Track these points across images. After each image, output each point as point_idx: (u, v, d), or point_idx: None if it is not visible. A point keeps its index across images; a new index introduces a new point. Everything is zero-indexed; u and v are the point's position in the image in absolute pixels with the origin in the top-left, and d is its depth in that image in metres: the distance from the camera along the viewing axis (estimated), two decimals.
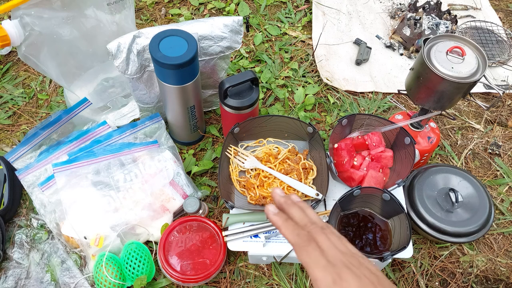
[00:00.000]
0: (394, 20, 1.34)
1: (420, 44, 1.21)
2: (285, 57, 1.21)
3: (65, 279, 0.82)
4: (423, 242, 0.89)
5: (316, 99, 1.11)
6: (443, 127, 1.08)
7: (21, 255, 0.85)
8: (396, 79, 1.18)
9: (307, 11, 1.36)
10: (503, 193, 0.97)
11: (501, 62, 1.21)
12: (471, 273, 0.86)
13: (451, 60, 0.75)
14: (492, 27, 1.30)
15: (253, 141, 0.92)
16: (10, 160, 0.93)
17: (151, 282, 0.82)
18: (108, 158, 0.89)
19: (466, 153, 1.04)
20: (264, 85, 1.14)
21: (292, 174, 0.84)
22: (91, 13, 0.86)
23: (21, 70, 1.18)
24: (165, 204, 0.86)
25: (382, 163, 0.84)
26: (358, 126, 0.88)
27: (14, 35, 0.77)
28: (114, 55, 0.80)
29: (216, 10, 1.35)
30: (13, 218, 0.90)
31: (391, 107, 1.11)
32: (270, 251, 0.78)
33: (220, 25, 0.86)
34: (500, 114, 1.11)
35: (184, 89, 0.84)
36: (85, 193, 0.85)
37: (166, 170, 0.89)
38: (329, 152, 0.82)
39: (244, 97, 0.87)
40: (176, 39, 0.80)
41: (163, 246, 0.81)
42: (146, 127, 0.97)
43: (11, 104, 1.10)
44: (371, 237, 0.76)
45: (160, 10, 1.34)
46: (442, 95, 0.77)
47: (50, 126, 0.95)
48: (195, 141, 1.02)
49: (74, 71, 0.94)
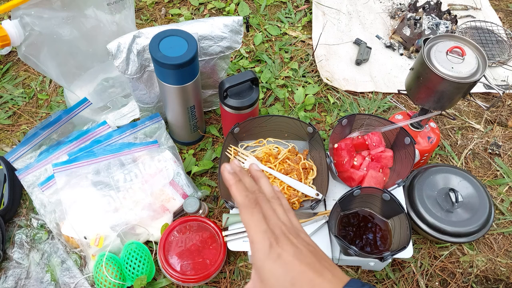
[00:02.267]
0: (394, 20, 1.34)
1: (420, 44, 1.21)
2: (285, 57, 1.21)
3: (65, 279, 0.82)
4: (423, 242, 0.89)
5: (316, 99, 1.11)
6: (443, 127, 1.08)
7: (21, 255, 0.85)
8: (396, 79, 1.18)
9: (307, 11, 1.36)
10: (503, 193, 0.97)
11: (501, 62, 1.21)
12: (471, 273, 0.86)
13: (451, 60, 0.75)
14: (492, 27, 1.30)
15: (253, 141, 0.92)
16: (10, 160, 0.93)
17: (151, 282, 0.82)
18: (108, 158, 0.89)
19: (466, 153, 1.04)
20: (264, 85, 1.14)
21: (292, 174, 0.84)
22: (91, 13, 0.86)
23: (21, 70, 1.18)
24: (165, 204, 0.86)
25: (382, 163, 0.84)
26: (358, 126, 0.88)
27: (14, 35, 0.77)
28: (114, 55, 0.80)
29: (216, 10, 1.35)
30: (13, 218, 0.90)
31: (391, 107, 1.11)
32: None
33: (220, 25, 0.86)
34: (500, 114, 1.11)
35: (184, 89, 0.84)
36: (85, 193, 0.85)
37: (166, 170, 0.89)
38: (329, 152, 0.82)
39: (244, 97, 0.87)
40: (176, 39, 0.80)
41: (163, 246, 0.81)
42: (146, 127, 0.97)
43: (11, 104, 1.10)
44: (371, 237, 0.76)
45: (160, 10, 1.34)
46: (442, 95, 0.77)
47: (50, 126, 0.95)
48: (195, 141, 1.02)
49: (74, 71, 0.94)
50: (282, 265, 0.39)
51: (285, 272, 0.39)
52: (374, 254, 0.71)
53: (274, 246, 0.39)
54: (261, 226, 0.41)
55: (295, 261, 0.39)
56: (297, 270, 0.39)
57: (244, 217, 0.42)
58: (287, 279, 0.38)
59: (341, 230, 0.77)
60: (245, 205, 0.42)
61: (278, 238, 0.40)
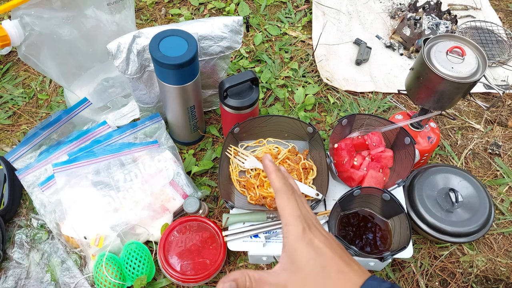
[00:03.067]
0: (394, 20, 1.34)
1: (420, 44, 1.21)
2: (285, 57, 1.21)
3: (65, 279, 0.82)
4: (423, 242, 0.89)
5: (316, 99, 1.11)
6: (443, 127, 1.08)
7: (21, 255, 0.85)
8: (396, 79, 1.18)
9: (307, 11, 1.36)
10: (503, 193, 0.97)
11: (501, 62, 1.21)
12: (471, 273, 0.86)
13: (451, 60, 0.75)
14: (492, 27, 1.30)
15: (253, 141, 0.92)
16: (10, 160, 0.93)
17: (151, 282, 0.82)
18: (108, 158, 0.89)
19: (466, 153, 1.04)
20: (264, 85, 1.14)
21: (292, 174, 0.84)
22: (91, 13, 0.86)
23: (21, 70, 1.18)
24: (165, 204, 0.86)
25: (382, 163, 0.84)
26: (358, 126, 0.88)
27: (14, 35, 0.77)
28: (114, 55, 0.80)
29: (216, 10, 1.35)
30: (13, 218, 0.90)
31: (391, 107, 1.11)
32: (270, 251, 0.78)
33: (220, 25, 0.86)
34: (500, 114, 1.11)
35: (184, 89, 0.84)
36: (85, 193, 0.85)
37: (166, 170, 0.89)
38: (329, 152, 0.82)
39: (244, 97, 0.87)
40: (176, 39, 0.80)
41: (163, 246, 0.81)
42: (146, 127, 0.97)
43: (11, 104, 1.10)
44: (371, 237, 0.76)
45: (160, 10, 1.34)
46: (442, 95, 0.77)
47: (50, 126, 0.95)
48: (195, 141, 1.02)
49: (74, 71, 0.94)
50: (314, 249, 0.41)
51: (316, 256, 0.41)
52: (374, 254, 0.71)
53: (307, 232, 0.42)
54: (296, 212, 0.43)
55: (326, 248, 0.41)
56: (328, 256, 0.41)
57: (281, 202, 0.44)
58: (318, 262, 0.40)
59: (341, 230, 0.77)
60: (283, 191, 0.44)
61: (310, 226, 0.43)
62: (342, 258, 0.41)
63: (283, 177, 0.46)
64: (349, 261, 0.41)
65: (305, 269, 0.40)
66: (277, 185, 0.45)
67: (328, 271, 0.40)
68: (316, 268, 0.40)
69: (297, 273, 0.41)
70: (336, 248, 0.42)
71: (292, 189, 0.45)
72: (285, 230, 0.43)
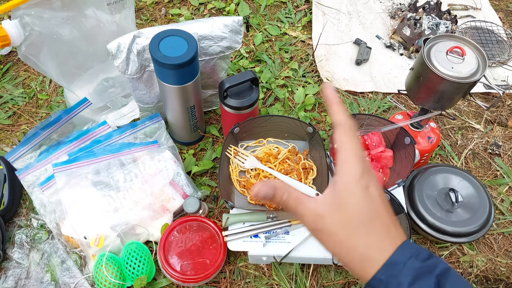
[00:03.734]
0: (394, 20, 1.34)
1: (420, 44, 1.21)
2: (285, 57, 1.21)
3: (65, 279, 0.82)
4: (423, 242, 0.89)
5: (316, 99, 1.11)
6: (443, 127, 1.08)
7: (21, 255, 0.85)
8: (396, 79, 1.18)
9: (307, 11, 1.36)
10: (503, 193, 0.97)
11: (501, 62, 1.21)
12: (471, 273, 0.86)
13: (451, 60, 0.75)
14: (492, 27, 1.30)
15: (253, 141, 0.92)
16: (10, 160, 0.93)
17: (151, 282, 0.82)
18: (108, 158, 0.89)
19: (466, 153, 1.04)
20: (264, 85, 1.14)
21: (292, 174, 0.84)
22: (91, 13, 0.86)
23: (21, 70, 1.18)
24: (165, 204, 0.86)
25: (382, 163, 0.84)
26: (358, 126, 0.88)
27: (14, 35, 0.77)
28: (114, 55, 0.80)
29: (216, 10, 1.35)
30: (13, 218, 0.90)
31: (391, 107, 1.11)
32: (270, 251, 0.78)
33: (220, 25, 0.86)
34: (500, 114, 1.11)
35: (184, 89, 0.84)
36: (85, 193, 0.85)
37: (166, 170, 0.89)
38: (329, 152, 0.82)
39: (244, 97, 0.87)
40: (176, 39, 0.80)
41: (163, 246, 0.81)
42: (146, 127, 0.97)
43: (11, 104, 1.10)
44: None
45: (160, 10, 1.34)
46: (442, 95, 0.77)
47: (50, 126, 0.95)
48: (195, 141, 1.02)
49: (74, 71, 0.94)
50: (368, 198, 0.39)
51: (368, 204, 0.39)
52: None
53: (365, 176, 0.39)
54: (358, 151, 0.40)
55: (379, 201, 0.39)
56: (379, 210, 0.39)
57: (342, 136, 0.40)
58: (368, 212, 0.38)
59: None
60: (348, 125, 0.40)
61: (369, 171, 0.39)
62: (391, 217, 0.39)
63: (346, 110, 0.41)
64: (395, 222, 0.40)
65: (351, 211, 0.38)
66: (340, 118, 0.40)
67: (374, 224, 0.38)
68: (363, 216, 0.38)
69: (340, 211, 0.39)
70: (387, 203, 0.40)
71: (355, 125, 0.41)
72: (341, 166, 0.39)
